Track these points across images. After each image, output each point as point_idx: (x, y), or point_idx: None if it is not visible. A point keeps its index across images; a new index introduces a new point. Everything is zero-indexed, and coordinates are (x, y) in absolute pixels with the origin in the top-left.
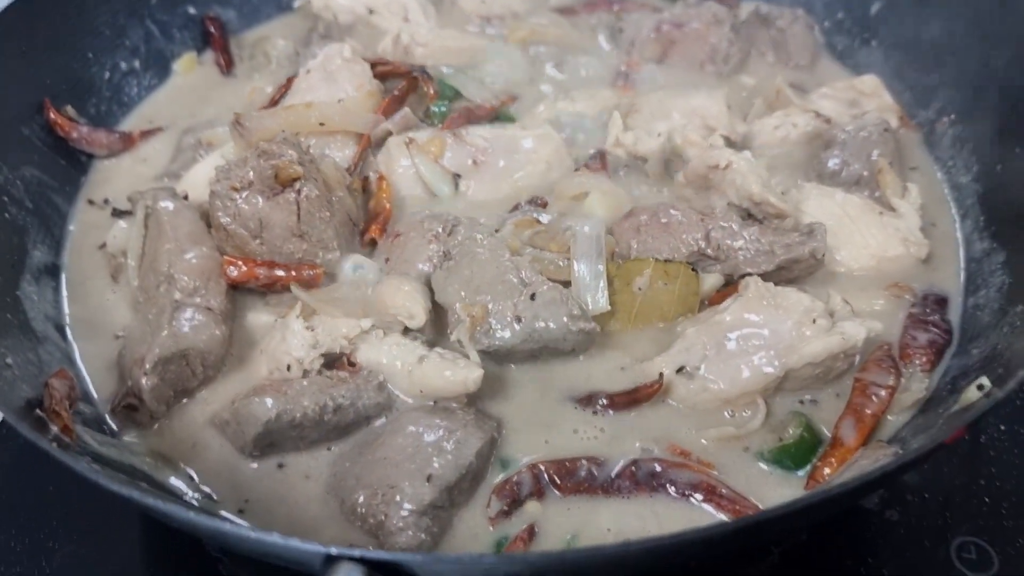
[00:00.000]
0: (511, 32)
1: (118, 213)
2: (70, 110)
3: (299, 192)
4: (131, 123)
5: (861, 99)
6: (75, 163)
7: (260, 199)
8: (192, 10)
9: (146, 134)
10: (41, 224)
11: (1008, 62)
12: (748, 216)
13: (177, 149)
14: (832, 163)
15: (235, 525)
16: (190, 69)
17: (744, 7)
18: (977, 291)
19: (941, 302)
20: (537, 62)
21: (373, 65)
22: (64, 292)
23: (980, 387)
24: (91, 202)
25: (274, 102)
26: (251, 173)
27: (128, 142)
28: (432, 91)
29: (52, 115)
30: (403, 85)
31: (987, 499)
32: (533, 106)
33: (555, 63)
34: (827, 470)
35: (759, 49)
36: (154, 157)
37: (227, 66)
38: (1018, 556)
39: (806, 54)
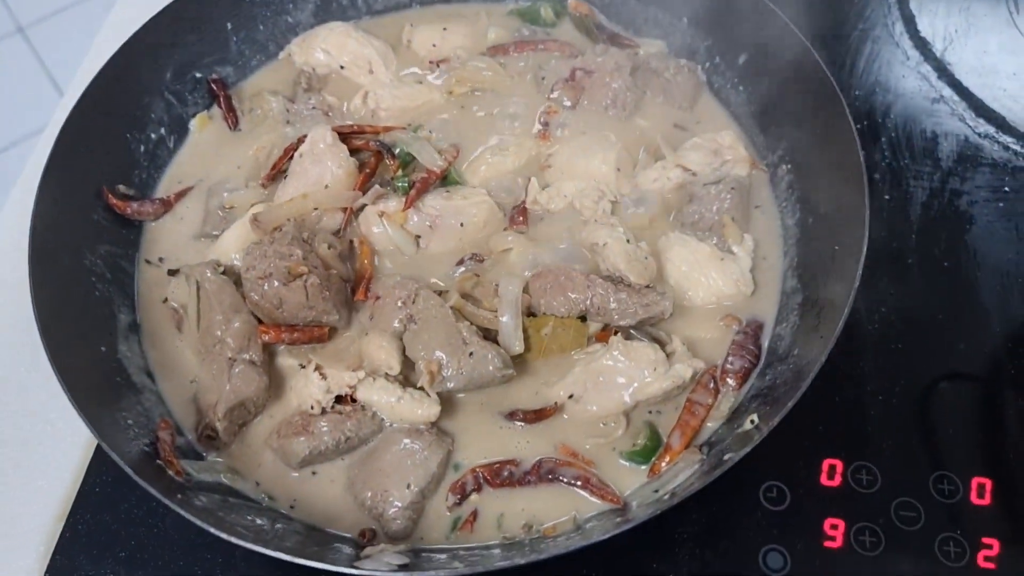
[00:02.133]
0: (454, 85)
1: (172, 272)
2: (123, 188)
3: (306, 281)
4: (164, 185)
5: (722, 150)
6: (132, 229)
7: (278, 284)
8: (198, 74)
9: (179, 196)
10: (119, 290)
11: (819, 138)
12: (620, 281)
13: (206, 211)
14: (692, 214)
15: None
16: (204, 126)
17: (645, 47)
18: (782, 322)
19: (758, 328)
20: (475, 111)
21: (347, 140)
22: (145, 343)
23: (752, 422)
24: (148, 262)
25: (276, 167)
26: (271, 267)
27: (167, 205)
28: (394, 164)
29: (111, 199)
30: (371, 160)
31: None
32: (474, 157)
33: (491, 110)
34: (663, 464)
35: (652, 92)
36: (188, 215)
37: (234, 123)
38: (805, 494)
39: (688, 98)
